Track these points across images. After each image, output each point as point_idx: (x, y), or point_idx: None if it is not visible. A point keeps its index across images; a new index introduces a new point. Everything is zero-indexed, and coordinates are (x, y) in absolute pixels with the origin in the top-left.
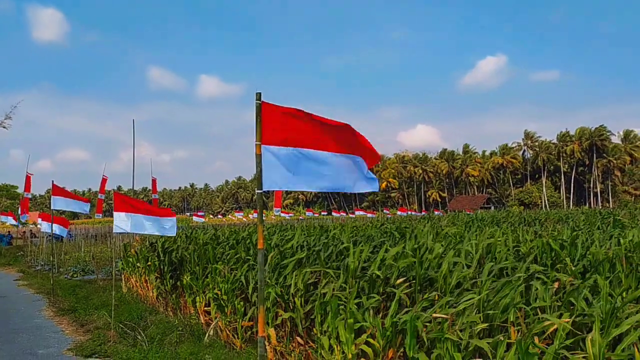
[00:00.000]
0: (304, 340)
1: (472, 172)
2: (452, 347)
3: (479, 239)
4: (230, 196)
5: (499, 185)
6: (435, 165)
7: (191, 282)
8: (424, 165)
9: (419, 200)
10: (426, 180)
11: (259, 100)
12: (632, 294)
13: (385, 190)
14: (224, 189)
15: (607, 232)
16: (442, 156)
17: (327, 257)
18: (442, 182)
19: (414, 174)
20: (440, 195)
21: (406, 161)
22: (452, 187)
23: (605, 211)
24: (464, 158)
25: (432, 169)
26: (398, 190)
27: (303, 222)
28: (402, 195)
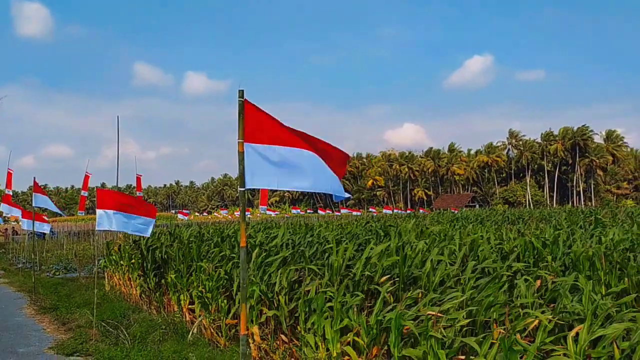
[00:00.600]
0: (288, 338)
1: (458, 170)
2: (436, 344)
3: (463, 237)
4: (215, 194)
5: (484, 183)
6: (421, 164)
7: (175, 280)
8: (410, 164)
9: (404, 198)
10: (412, 179)
11: (241, 98)
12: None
13: (371, 188)
14: (210, 187)
15: (589, 230)
16: (428, 155)
17: (311, 255)
18: (427, 181)
19: (400, 172)
20: (426, 194)
21: (392, 159)
22: (438, 186)
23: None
24: (450, 157)
25: (418, 168)
26: (384, 188)
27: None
28: (388, 194)
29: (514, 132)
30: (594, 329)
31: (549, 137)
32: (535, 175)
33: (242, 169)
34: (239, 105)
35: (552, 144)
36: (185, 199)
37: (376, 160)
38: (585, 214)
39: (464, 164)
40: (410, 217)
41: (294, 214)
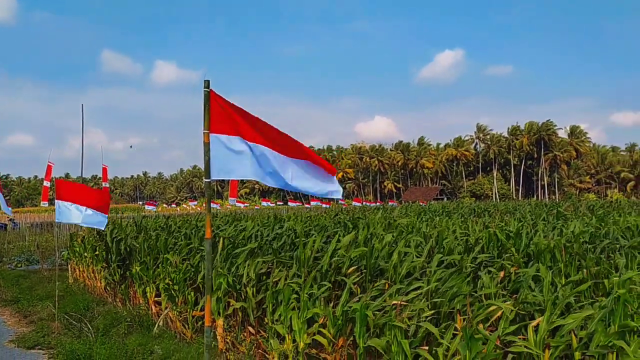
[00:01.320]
0: (255, 330)
1: (427, 163)
2: (400, 334)
3: (430, 229)
4: (185, 185)
5: (453, 177)
6: (391, 157)
7: (141, 272)
8: (379, 157)
9: (374, 190)
10: (382, 171)
11: (207, 88)
12: (579, 287)
13: (341, 180)
14: (179, 178)
15: (551, 223)
16: (397, 148)
17: (280, 247)
18: (397, 174)
19: (370, 165)
20: (396, 186)
21: (362, 152)
22: (407, 179)
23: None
24: (419, 150)
25: (387, 160)
26: (354, 180)
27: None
28: (357, 186)
29: (482, 127)
30: (553, 319)
31: (516, 132)
32: (502, 169)
33: (207, 159)
34: (205, 96)
35: (519, 138)
36: (154, 190)
37: (347, 152)
38: (549, 207)
39: (433, 157)
40: (378, 209)
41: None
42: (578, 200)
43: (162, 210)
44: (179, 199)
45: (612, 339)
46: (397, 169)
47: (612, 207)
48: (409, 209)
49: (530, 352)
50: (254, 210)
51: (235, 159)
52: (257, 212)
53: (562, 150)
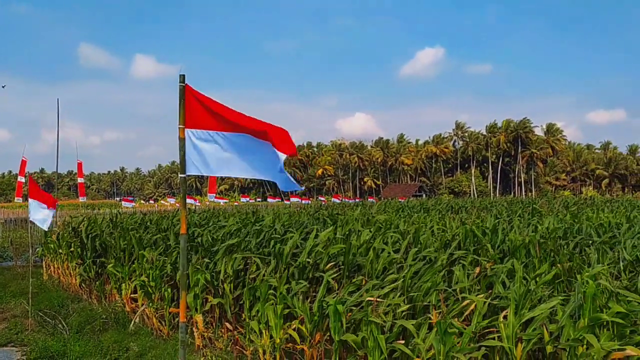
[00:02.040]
0: (233, 326)
1: (406, 160)
2: (375, 329)
3: (408, 226)
4: (163, 181)
5: (432, 174)
6: (371, 154)
7: (116, 269)
8: (359, 153)
9: (354, 187)
10: (361, 168)
11: (182, 83)
12: (543, 279)
13: (321, 177)
14: (157, 174)
15: (526, 219)
16: (377, 145)
17: (258, 243)
18: (377, 170)
19: (350, 162)
20: (375, 183)
21: (342, 149)
22: (387, 175)
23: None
24: (398, 147)
25: (367, 157)
26: (334, 177)
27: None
28: (337, 182)
29: (460, 124)
30: (523, 312)
31: (493, 129)
32: (480, 166)
33: (182, 155)
34: (180, 90)
35: (496, 136)
36: (131, 186)
37: (327, 149)
38: (524, 204)
39: (412, 155)
40: (357, 205)
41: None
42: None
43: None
44: (157, 195)
45: (582, 332)
46: (377, 165)
47: (586, 204)
48: (388, 206)
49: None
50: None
51: (210, 154)
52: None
53: (538, 148)
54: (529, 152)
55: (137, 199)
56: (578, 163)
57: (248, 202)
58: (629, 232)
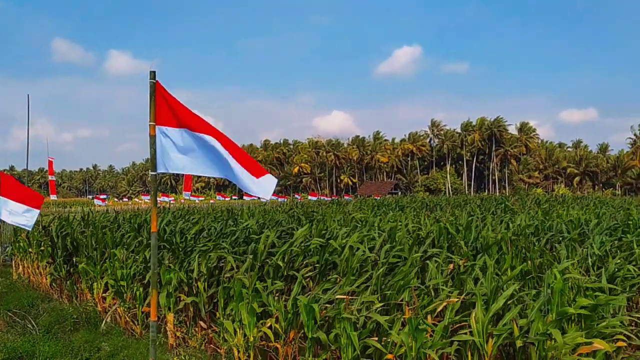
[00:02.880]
0: (207, 325)
1: (382, 158)
2: (348, 326)
3: (383, 223)
4: (137, 179)
5: (408, 171)
6: (347, 152)
7: (87, 268)
8: (336, 151)
9: (330, 185)
10: (338, 166)
11: (153, 79)
12: (511, 273)
13: (297, 175)
14: (131, 171)
15: (499, 217)
16: (354, 142)
17: (234, 241)
18: (353, 168)
19: (326, 160)
20: (352, 181)
21: (319, 147)
22: (363, 173)
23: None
24: (374, 145)
25: (344, 155)
26: (310, 175)
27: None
28: (314, 180)
29: (436, 122)
30: (493, 308)
31: (468, 127)
32: (455, 164)
33: (153, 152)
34: (150, 87)
35: (471, 134)
36: (104, 184)
37: (303, 147)
38: (497, 202)
39: (388, 152)
40: (333, 203)
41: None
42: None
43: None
44: (131, 193)
45: (550, 326)
46: (354, 163)
47: (557, 201)
48: (364, 203)
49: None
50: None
51: (181, 151)
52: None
53: (512, 146)
54: (502, 150)
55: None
56: (550, 161)
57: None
58: (598, 229)
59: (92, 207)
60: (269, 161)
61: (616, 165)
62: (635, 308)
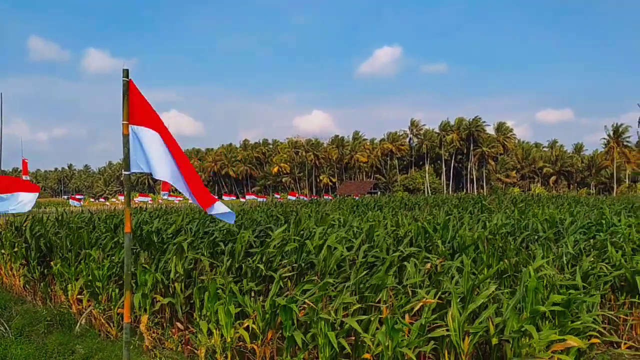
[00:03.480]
0: (184, 326)
1: (361, 158)
2: (325, 326)
3: (361, 223)
4: (114, 179)
5: (387, 171)
6: (327, 151)
7: (62, 269)
8: (315, 151)
9: (310, 185)
10: (317, 166)
11: (126, 78)
12: (487, 272)
13: (277, 174)
14: (107, 171)
15: (476, 216)
16: (333, 142)
17: (211, 241)
18: (332, 168)
19: (306, 159)
20: (331, 180)
21: (298, 146)
22: (343, 173)
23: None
24: (354, 144)
25: (323, 155)
26: (290, 175)
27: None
28: (293, 180)
29: (415, 122)
30: (469, 306)
31: (446, 127)
32: (434, 164)
33: (127, 151)
34: (124, 85)
35: (449, 134)
36: (80, 184)
37: (283, 146)
38: (475, 201)
39: (367, 152)
40: (311, 203)
41: None
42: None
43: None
44: (107, 193)
45: (524, 323)
46: (333, 163)
47: (533, 200)
48: (342, 203)
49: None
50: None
51: (151, 152)
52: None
53: (489, 146)
54: (480, 150)
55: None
56: (527, 161)
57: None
58: (572, 227)
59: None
60: (248, 161)
61: (590, 165)
62: (609, 305)
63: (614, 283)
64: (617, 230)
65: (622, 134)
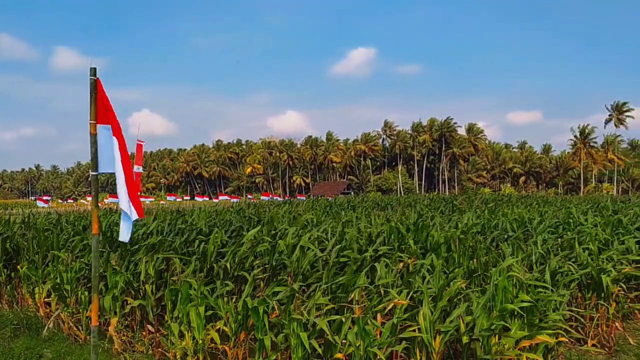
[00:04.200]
0: (155, 328)
1: (335, 158)
2: (297, 327)
3: (334, 223)
4: (83, 179)
5: (361, 172)
6: (301, 152)
7: (29, 272)
8: (289, 151)
9: (283, 185)
10: (291, 166)
11: (94, 77)
12: (457, 271)
13: (250, 175)
14: (76, 172)
15: (447, 215)
16: (307, 143)
17: (182, 242)
18: (306, 168)
19: (280, 160)
20: (305, 181)
21: (272, 147)
22: (316, 173)
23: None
24: (327, 145)
25: (297, 155)
26: (263, 175)
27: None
28: (267, 181)
29: (389, 123)
30: (438, 305)
31: (418, 128)
32: (406, 164)
33: (94, 151)
34: (91, 84)
35: (422, 134)
36: (47, 185)
37: (256, 147)
38: (446, 201)
39: (341, 153)
40: (286, 203)
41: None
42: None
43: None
44: (76, 194)
45: (493, 322)
46: (307, 163)
47: (503, 200)
48: (316, 204)
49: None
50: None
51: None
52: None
53: (461, 147)
54: (452, 150)
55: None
56: (497, 161)
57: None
58: (541, 227)
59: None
60: (221, 161)
61: (558, 166)
62: (576, 303)
63: (581, 281)
64: (584, 230)
65: (589, 135)
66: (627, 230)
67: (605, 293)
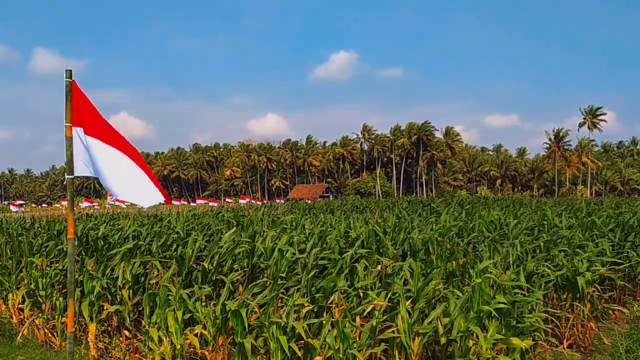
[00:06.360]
0: (132, 334)
1: (314, 162)
2: (277, 330)
3: (313, 226)
4: (58, 183)
5: (339, 175)
6: (279, 155)
7: (2, 278)
8: (268, 155)
9: (262, 188)
10: (270, 169)
11: (69, 78)
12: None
13: (229, 178)
14: (51, 175)
15: (425, 218)
16: (286, 146)
17: (160, 246)
18: (285, 172)
19: (258, 163)
20: (284, 184)
21: (250, 150)
22: (295, 176)
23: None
24: (307, 148)
25: (276, 158)
26: (241, 178)
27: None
28: (245, 184)
29: (367, 126)
30: (416, 307)
31: (397, 132)
32: (385, 167)
33: (70, 154)
34: (66, 86)
35: (400, 138)
36: (21, 189)
37: (235, 150)
38: (424, 204)
39: (320, 156)
40: (264, 206)
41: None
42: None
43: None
44: (51, 198)
45: (471, 324)
46: (285, 167)
47: (479, 203)
48: (295, 207)
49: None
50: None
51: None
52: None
53: (438, 150)
54: (429, 153)
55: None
56: (474, 164)
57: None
58: (517, 229)
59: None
60: (199, 164)
61: (534, 169)
62: (551, 304)
63: (557, 283)
64: (559, 232)
65: (563, 138)
66: (602, 232)
67: (580, 294)
